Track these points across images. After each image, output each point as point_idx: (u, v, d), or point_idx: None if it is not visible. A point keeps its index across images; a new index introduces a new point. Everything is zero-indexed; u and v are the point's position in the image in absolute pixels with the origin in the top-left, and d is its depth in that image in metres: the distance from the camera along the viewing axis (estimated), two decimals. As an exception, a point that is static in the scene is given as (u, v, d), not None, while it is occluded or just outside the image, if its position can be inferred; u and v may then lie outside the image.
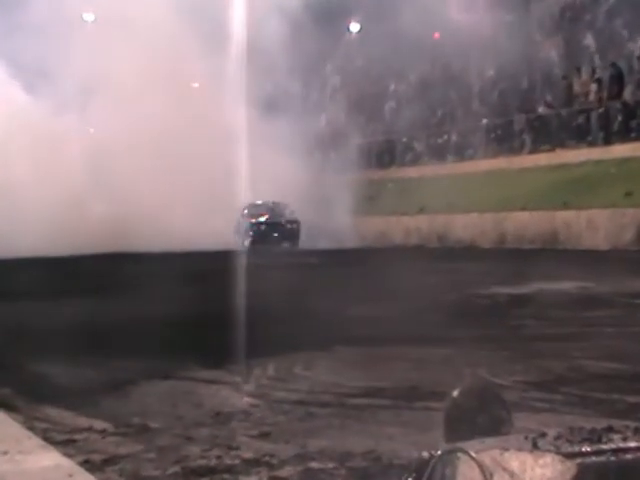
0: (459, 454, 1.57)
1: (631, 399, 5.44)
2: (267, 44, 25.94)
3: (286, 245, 26.64)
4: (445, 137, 28.70)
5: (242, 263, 17.25)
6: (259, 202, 27.60)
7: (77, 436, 5.11)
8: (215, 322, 9.43)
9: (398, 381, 6.28)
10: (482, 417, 2.04)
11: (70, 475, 3.64)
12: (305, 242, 26.30)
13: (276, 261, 19.44)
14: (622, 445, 1.50)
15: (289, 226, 27.12)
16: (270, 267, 16.79)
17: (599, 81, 23.15)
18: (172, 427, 5.29)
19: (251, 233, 26.74)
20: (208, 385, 6.50)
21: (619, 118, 22.11)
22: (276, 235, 26.80)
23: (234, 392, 6.24)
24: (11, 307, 11.09)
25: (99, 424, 5.36)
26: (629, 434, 1.54)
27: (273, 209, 27.91)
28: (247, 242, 26.16)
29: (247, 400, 5.98)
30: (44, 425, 5.34)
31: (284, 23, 26.98)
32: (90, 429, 5.26)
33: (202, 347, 8.02)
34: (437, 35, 28.82)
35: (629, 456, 1.47)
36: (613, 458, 1.47)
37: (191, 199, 24.79)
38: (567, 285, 12.05)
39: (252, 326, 9.11)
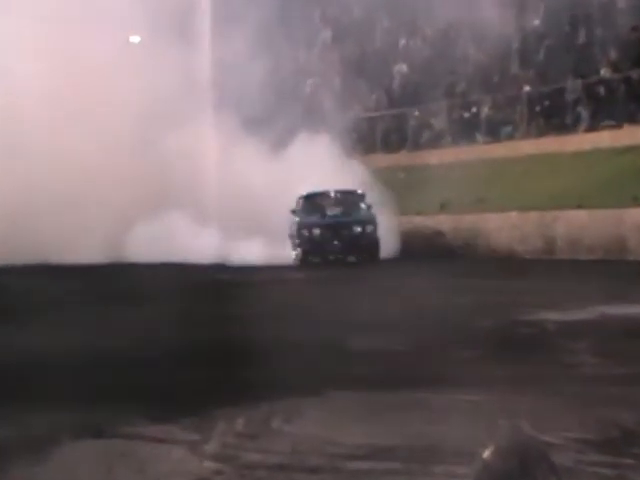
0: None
1: None
2: None
3: (355, 259, 23.71)
4: (473, 110, 28.83)
5: (202, 279, 17.51)
6: (319, 190, 24.65)
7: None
8: (166, 359, 9.42)
9: (411, 437, 6.29)
10: (523, 486, 2.05)
11: None
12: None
13: (239, 275, 19.52)
14: None
15: (361, 229, 23.63)
16: (239, 283, 16.82)
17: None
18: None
19: (298, 241, 23.78)
20: (155, 444, 6.49)
21: None
22: (339, 244, 23.52)
23: (190, 454, 6.24)
24: None
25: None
26: None
27: (341, 201, 24.63)
28: (297, 254, 23.82)
29: (208, 465, 5.98)
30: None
31: None
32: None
33: (148, 393, 8.02)
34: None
35: None
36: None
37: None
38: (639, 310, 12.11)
39: (215, 364, 9.10)
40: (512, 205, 23.70)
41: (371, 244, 23.13)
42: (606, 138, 24.17)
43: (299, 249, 23.48)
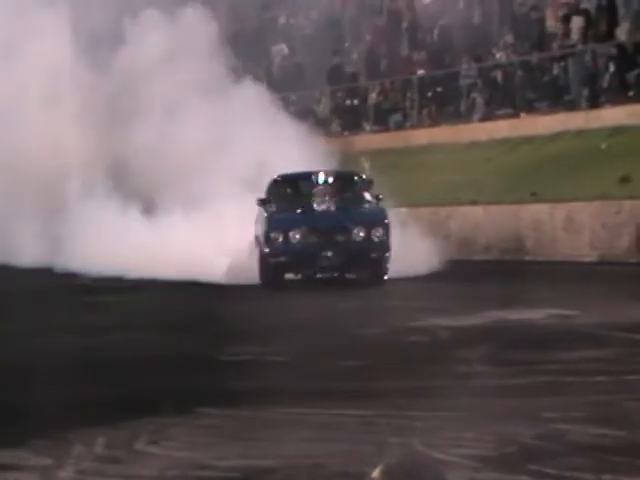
0: None
1: (627, 480, 5.60)
2: None
3: (353, 276, 18.15)
4: (354, 101, 28.91)
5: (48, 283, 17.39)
6: (301, 171, 19.12)
7: None
8: (10, 374, 9.28)
9: (291, 458, 6.30)
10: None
11: None
12: None
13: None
14: None
15: (365, 234, 17.64)
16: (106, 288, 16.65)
17: (586, 14, 23.61)
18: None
19: (267, 250, 17.45)
20: (1, 472, 6.39)
21: (611, 68, 22.65)
22: (331, 255, 17.35)
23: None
24: None
25: None
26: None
27: (336, 189, 18.47)
28: (264, 268, 17.53)
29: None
30: None
31: None
32: None
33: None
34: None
35: None
36: None
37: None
38: (538, 314, 12.33)
39: (71, 379, 8.99)
40: (402, 201, 23.91)
41: (379, 257, 17.33)
42: (503, 128, 24.56)
43: (269, 261, 17.30)
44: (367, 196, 18.55)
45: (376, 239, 17.43)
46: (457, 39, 26.55)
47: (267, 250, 17.24)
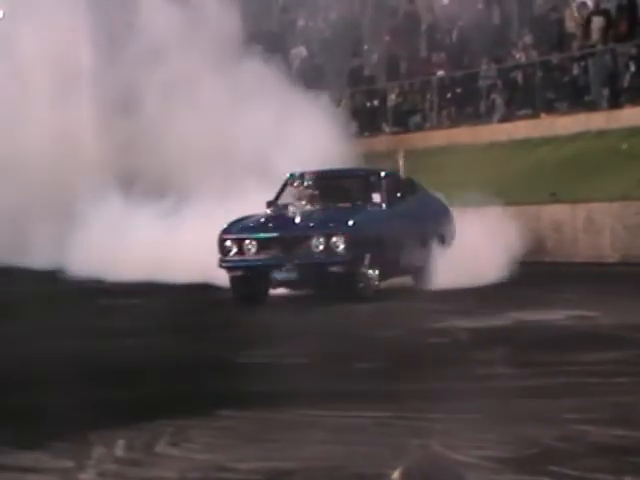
0: None
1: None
2: None
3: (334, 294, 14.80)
4: (374, 102, 28.92)
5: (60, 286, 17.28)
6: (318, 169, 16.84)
7: None
8: (30, 376, 9.31)
9: (312, 459, 6.32)
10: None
11: None
12: None
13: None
14: None
15: (323, 246, 14.78)
16: (120, 291, 16.64)
17: (606, 14, 23.56)
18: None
19: (223, 263, 15.33)
20: (22, 474, 6.42)
21: (632, 68, 22.60)
22: (287, 269, 14.94)
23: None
24: None
25: None
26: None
27: (331, 191, 16.37)
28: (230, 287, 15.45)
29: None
30: None
31: None
32: None
33: (13, 417, 7.91)
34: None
35: None
36: None
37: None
38: (557, 315, 12.31)
39: (89, 381, 9.02)
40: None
41: (342, 271, 14.61)
42: (523, 128, 24.52)
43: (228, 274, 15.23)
44: (377, 198, 15.95)
45: (337, 250, 14.60)
46: (476, 40, 26.49)
47: (222, 263, 15.19)
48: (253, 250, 14.93)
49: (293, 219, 15.33)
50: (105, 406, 7.97)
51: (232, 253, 15.03)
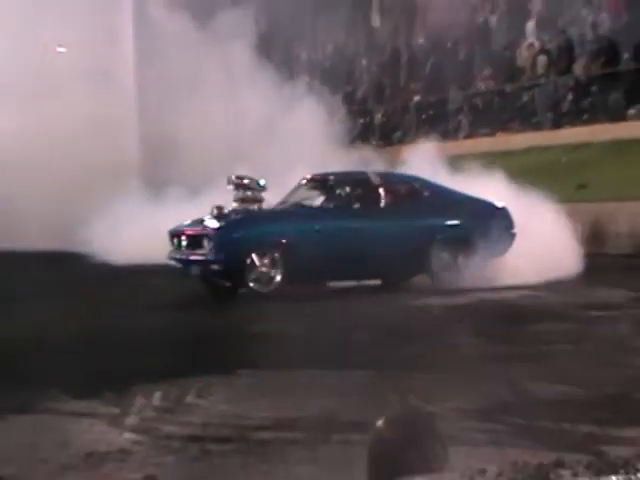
0: (385, 497, 1.59)
1: (584, 428, 5.59)
2: None
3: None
4: (368, 117, 29.04)
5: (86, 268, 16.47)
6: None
7: None
8: (86, 341, 9.30)
9: (312, 410, 6.32)
10: (412, 452, 2.07)
11: None
12: None
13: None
14: (575, 482, 1.54)
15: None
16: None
17: (548, 53, 23.90)
18: (33, 474, 5.20)
19: (169, 256, 13.42)
20: (78, 419, 6.41)
21: (569, 97, 22.88)
22: (194, 270, 12.98)
23: (111, 427, 6.17)
24: None
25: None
26: (580, 469, 1.59)
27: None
28: None
29: (127, 436, 5.92)
30: None
31: None
32: None
33: (72, 372, 7.90)
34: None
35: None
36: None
37: None
38: (511, 294, 12.28)
39: (134, 346, 9.01)
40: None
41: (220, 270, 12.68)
42: (483, 144, 24.64)
43: None
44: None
45: (210, 249, 12.58)
46: (446, 72, 26.75)
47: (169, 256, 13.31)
48: (184, 245, 12.99)
49: (213, 220, 12.89)
50: (147, 366, 7.95)
51: (174, 248, 13.21)
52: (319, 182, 14.00)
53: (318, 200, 13.74)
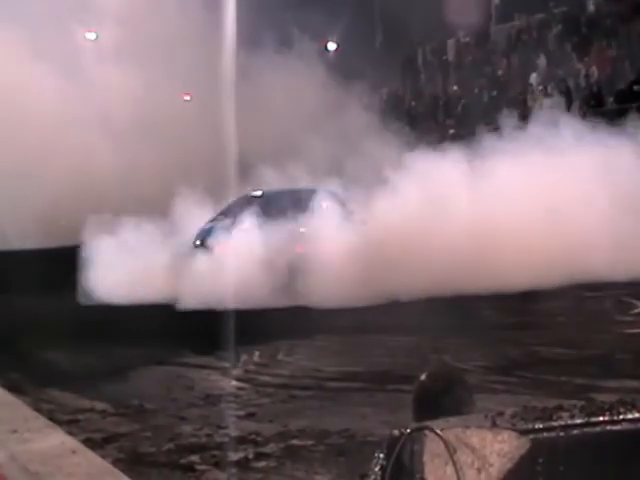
0: (426, 432, 1.59)
1: (578, 381, 5.49)
2: None
3: None
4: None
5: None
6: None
7: (80, 416, 5.10)
8: (203, 312, 9.34)
9: (371, 366, 6.30)
10: (447, 398, 2.07)
11: (73, 452, 3.63)
12: None
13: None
14: (570, 422, 1.53)
15: None
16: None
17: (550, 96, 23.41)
18: (166, 408, 5.29)
19: None
20: (199, 370, 6.50)
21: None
22: None
23: (223, 376, 6.25)
24: (10, 299, 10.67)
25: (100, 405, 5.36)
26: (576, 412, 1.57)
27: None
28: None
29: (235, 383, 5.99)
30: (50, 406, 5.33)
31: None
32: (92, 410, 5.25)
33: (193, 335, 7.99)
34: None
35: (576, 432, 1.50)
36: (562, 434, 1.50)
37: None
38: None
39: (240, 315, 9.08)
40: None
41: None
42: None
43: None
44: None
45: None
46: (474, 111, 26.30)
47: None
48: None
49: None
50: (246, 331, 7.98)
51: None
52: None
53: None
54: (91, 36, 18.67)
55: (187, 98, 18.02)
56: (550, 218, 9.64)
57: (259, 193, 11.62)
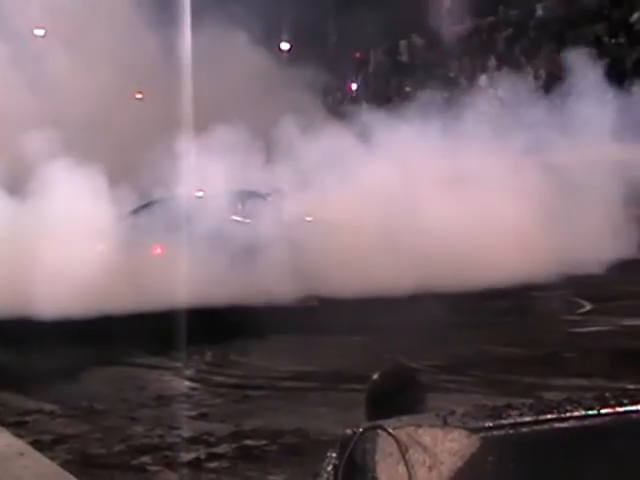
0: (379, 431, 1.61)
1: (527, 380, 5.59)
2: None
3: None
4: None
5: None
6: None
7: (27, 418, 5.02)
8: (157, 314, 9.26)
9: (324, 366, 6.32)
10: (400, 397, 2.09)
11: (21, 454, 3.58)
12: None
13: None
14: (519, 420, 1.56)
15: None
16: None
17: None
18: (117, 409, 5.24)
19: None
20: (151, 370, 6.44)
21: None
22: None
23: (175, 377, 6.20)
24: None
25: (48, 407, 5.28)
26: (525, 410, 1.61)
27: None
28: None
29: (187, 384, 5.95)
30: (-3, 409, 5.23)
31: None
32: (40, 411, 5.17)
33: (146, 337, 7.90)
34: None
35: (525, 429, 1.53)
36: (511, 432, 1.53)
37: None
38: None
39: (189, 316, 9.01)
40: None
41: None
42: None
43: None
44: None
45: None
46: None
47: None
48: None
49: None
50: (199, 332, 7.92)
51: None
52: None
53: None
54: (40, 32, 18.25)
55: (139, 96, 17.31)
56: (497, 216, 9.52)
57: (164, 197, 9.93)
